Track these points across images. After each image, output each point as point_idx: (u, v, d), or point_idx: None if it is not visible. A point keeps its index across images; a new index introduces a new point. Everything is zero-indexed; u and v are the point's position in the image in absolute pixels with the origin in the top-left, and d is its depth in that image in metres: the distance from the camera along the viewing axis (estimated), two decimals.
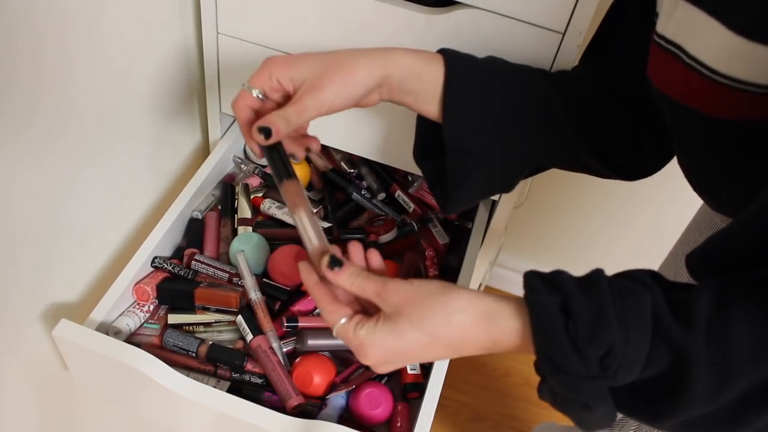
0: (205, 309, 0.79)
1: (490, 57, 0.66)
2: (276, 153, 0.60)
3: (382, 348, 0.51)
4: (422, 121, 0.67)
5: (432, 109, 0.62)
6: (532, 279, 0.48)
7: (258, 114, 0.60)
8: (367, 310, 0.55)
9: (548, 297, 0.46)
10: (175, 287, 0.80)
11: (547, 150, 0.66)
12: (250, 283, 0.80)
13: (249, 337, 0.76)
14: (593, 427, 0.49)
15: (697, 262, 0.51)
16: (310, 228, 0.57)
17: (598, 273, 0.47)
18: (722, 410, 0.44)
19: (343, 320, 0.53)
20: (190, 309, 0.80)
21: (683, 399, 0.44)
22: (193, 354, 0.76)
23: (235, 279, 0.82)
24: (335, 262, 0.53)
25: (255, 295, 0.80)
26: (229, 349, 0.77)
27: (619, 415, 0.73)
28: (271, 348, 0.75)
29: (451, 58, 0.61)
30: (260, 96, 0.59)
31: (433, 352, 0.51)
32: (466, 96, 0.61)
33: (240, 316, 0.77)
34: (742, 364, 0.43)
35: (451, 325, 0.49)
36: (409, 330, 0.50)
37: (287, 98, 0.60)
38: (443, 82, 0.61)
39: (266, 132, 0.57)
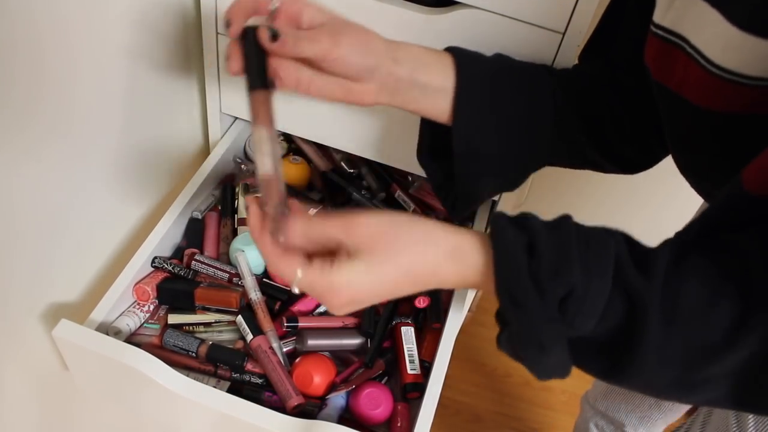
0: (205, 309, 0.79)
1: (496, 55, 0.66)
2: (255, 55, 0.53)
3: (356, 286, 0.48)
4: (426, 123, 0.67)
5: (438, 104, 0.60)
6: (499, 219, 0.48)
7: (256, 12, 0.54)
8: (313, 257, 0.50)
9: (514, 236, 0.46)
10: (175, 287, 0.80)
11: (554, 148, 0.66)
12: (250, 283, 0.80)
13: (249, 337, 0.76)
14: (547, 374, 0.48)
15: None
16: (268, 149, 0.52)
17: (565, 218, 0.48)
18: (671, 366, 0.45)
19: (299, 271, 0.48)
20: (190, 309, 0.80)
21: (635, 349, 0.44)
22: (193, 354, 0.76)
23: (235, 279, 0.82)
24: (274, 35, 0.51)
25: (255, 295, 0.80)
26: (229, 349, 0.77)
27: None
28: (271, 348, 0.75)
29: (460, 57, 0.61)
30: (275, 6, 0.54)
31: (404, 287, 0.49)
32: (477, 101, 0.60)
33: (240, 316, 0.77)
34: (689, 319, 0.44)
35: (426, 259, 0.48)
36: (384, 263, 0.48)
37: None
38: (454, 84, 0.60)
39: (273, 34, 0.51)
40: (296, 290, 0.49)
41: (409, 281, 0.49)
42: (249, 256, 0.83)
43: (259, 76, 0.53)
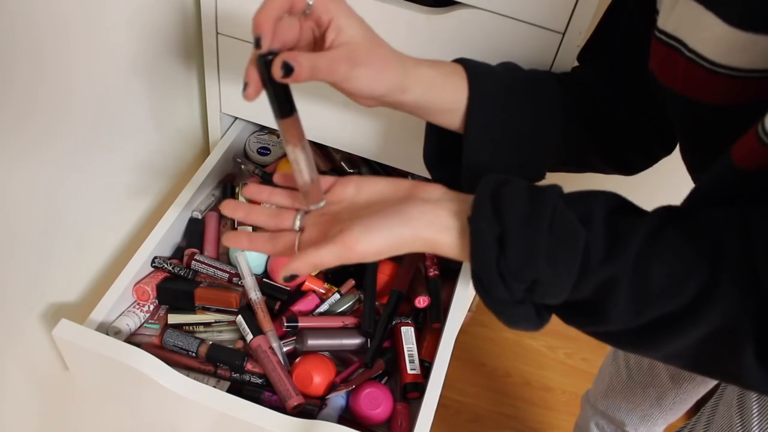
0: (205, 309, 0.79)
1: (504, 65, 0.66)
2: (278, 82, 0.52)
3: (356, 230, 0.52)
4: (433, 128, 0.67)
5: (449, 119, 0.62)
6: (483, 200, 0.50)
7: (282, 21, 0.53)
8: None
9: (488, 226, 0.49)
10: (175, 287, 0.80)
11: (560, 156, 0.67)
12: (250, 283, 0.80)
13: (249, 337, 0.76)
14: (519, 329, 0.53)
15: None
16: (304, 165, 0.57)
17: (549, 199, 0.50)
18: (637, 330, 0.49)
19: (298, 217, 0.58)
20: (190, 309, 0.80)
21: (602, 318, 0.49)
22: (193, 354, 0.76)
23: (235, 279, 0.82)
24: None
25: (255, 295, 0.80)
26: (229, 349, 0.77)
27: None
28: (271, 348, 0.75)
29: (472, 72, 0.61)
30: (310, 7, 0.53)
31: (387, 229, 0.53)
32: (487, 118, 0.61)
33: (240, 316, 0.77)
34: (656, 294, 0.46)
35: (408, 222, 0.52)
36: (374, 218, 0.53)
37: (312, 40, 0.55)
38: (466, 103, 0.61)
39: (287, 69, 0.51)
40: (297, 227, 0.58)
41: (393, 233, 0.53)
42: (249, 256, 0.83)
43: (284, 104, 0.54)
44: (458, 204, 0.53)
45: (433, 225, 0.52)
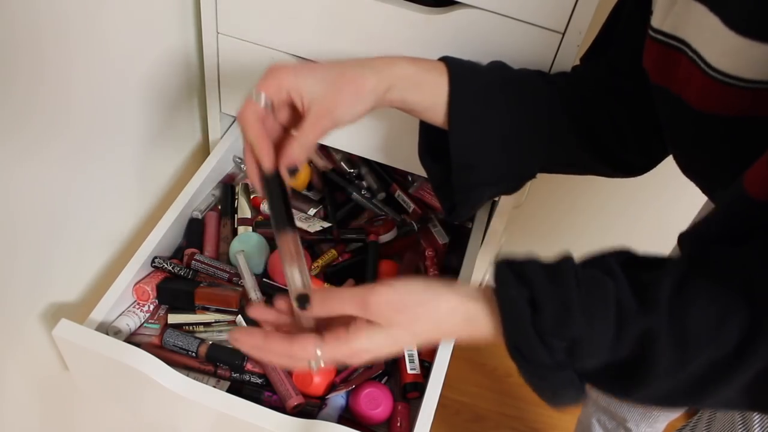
0: (205, 309, 0.79)
1: (491, 64, 0.66)
2: (278, 193, 0.57)
3: (376, 350, 0.52)
4: (424, 125, 0.67)
5: (432, 116, 0.62)
6: (503, 272, 0.49)
7: (264, 126, 0.57)
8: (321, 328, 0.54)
9: (517, 291, 0.48)
10: (175, 287, 0.80)
11: (551, 156, 0.66)
12: (250, 283, 0.80)
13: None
14: (563, 406, 0.51)
15: (686, 244, 0.54)
16: (299, 282, 0.56)
17: (566, 262, 0.49)
18: (685, 383, 0.46)
19: (318, 350, 0.51)
20: (190, 309, 0.80)
21: (648, 375, 0.46)
22: (193, 354, 0.76)
23: (234, 279, 0.82)
24: (303, 301, 0.53)
25: (255, 295, 0.80)
26: (229, 348, 0.77)
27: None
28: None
29: (454, 69, 0.61)
30: (268, 104, 0.57)
31: (419, 344, 0.56)
32: (472, 113, 0.61)
33: (240, 316, 0.77)
34: (699, 341, 0.45)
35: (441, 328, 0.52)
36: (402, 333, 0.51)
37: (293, 111, 0.59)
38: (447, 98, 0.60)
39: (293, 171, 0.57)
40: (316, 367, 0.52)
41: (425, 341, 0.53)
42: (249, 256, 0.83)
43: (283, 218, 0.57)
44: (474, 292, 0.52)
45: (463, 318, 0.51)
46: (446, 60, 0.62)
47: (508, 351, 0.49)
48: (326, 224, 0.89)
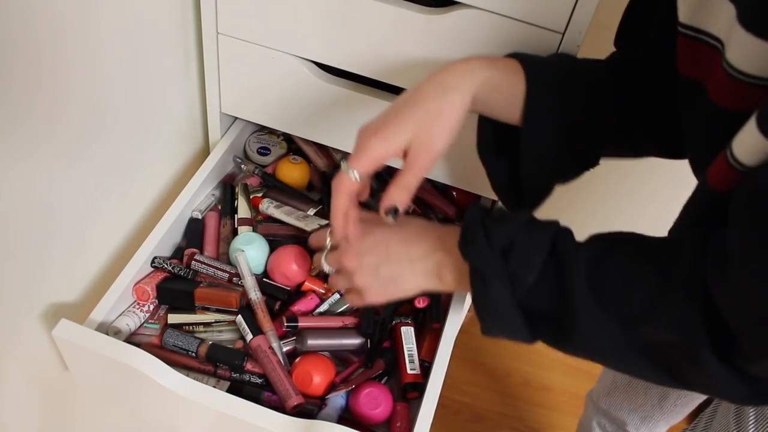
0: (205, 309, 0.79)
1: (559, 57, 0.68)
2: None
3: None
4: (487, 121, 0.67)
5: (508, 115, 0.63)
6: (471, 210, 0.59)
7: (353, 197, 0.61)
8: None
9: (476, 210, 0.59)
10: (175, 287, 0.80)
11: (616, 144, 0.69)
12: (250, 283, 0.80)
13: (249, 337, 0.76)
14: (492, 321, 0.57)
15: (671, 232, 0.58)
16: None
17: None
18: (604, 338, 0.52)
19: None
20: (190, 309, 0.80)
21: (572, 321, 0.52)
22: (193, 354, 0.76)
23: (235, 279, 0.82)
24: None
25: (255, 295, 0.80)
26: (229, 348, 0.77)
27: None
28: (270, 348, 0.75)
29: (529, 68, 0.62)
30: (362, 178, 0.59)
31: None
32: (546, 110, 0.63)
33: (240, 316, 0.77)
34: (612, 288, 0.51)
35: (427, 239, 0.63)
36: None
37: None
38: (524, 97, 0.62)
39: (394, 212, 0.60)
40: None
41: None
42: (249, 256, 0.83)
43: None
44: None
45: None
46: (519, 58, 0.63)
47: (458, 246, 0.57)
48: (323, 222, 0.89)
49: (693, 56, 0.55)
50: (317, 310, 0.82)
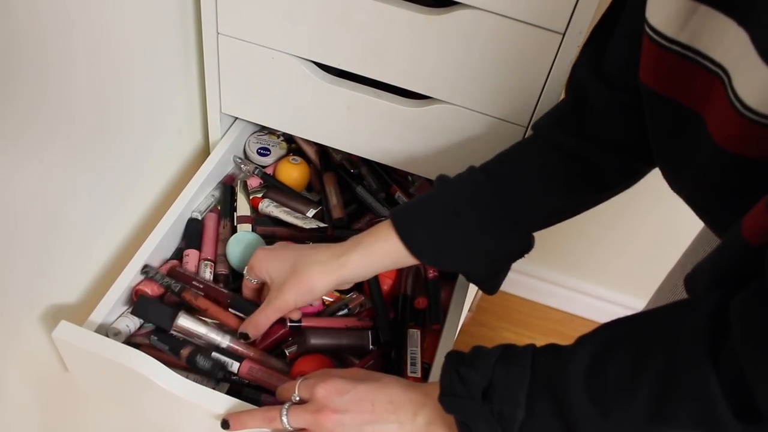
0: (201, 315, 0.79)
1: (465, 179, 0.69)
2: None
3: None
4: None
5: (406, 263, 0.70)
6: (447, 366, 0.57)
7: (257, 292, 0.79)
8: None
9: (456, 358, 0.57)
10: (154, 309, 0.76)
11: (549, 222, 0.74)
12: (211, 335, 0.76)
13: (236, 367, 0.74)
14: None
15: (690, 282, 0.54)
16: None
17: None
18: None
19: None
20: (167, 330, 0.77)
21: (575, 424, 0.49)
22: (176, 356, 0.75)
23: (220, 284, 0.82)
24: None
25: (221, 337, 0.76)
26: (224, 349, 0.77)
27: None
28: (258, 362, 0.74)
29: (401, 229, 0.67)
30: (256, 282, 0.77)
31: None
32: (438, 250, 0.68)
33: (214, 353, 0.74)
34: (614, 393, 0.48)
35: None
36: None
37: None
38: (407, 252, 0.67)
39: (244, 336, 0.73)
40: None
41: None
42: (244, 255, 0.81)
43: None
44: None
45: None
46: (393, 217, 0.68)
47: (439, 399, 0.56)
48: (323, 224, 0.89)
49: (681, 76, 0.50)
50: (318, 311, 0.82)
